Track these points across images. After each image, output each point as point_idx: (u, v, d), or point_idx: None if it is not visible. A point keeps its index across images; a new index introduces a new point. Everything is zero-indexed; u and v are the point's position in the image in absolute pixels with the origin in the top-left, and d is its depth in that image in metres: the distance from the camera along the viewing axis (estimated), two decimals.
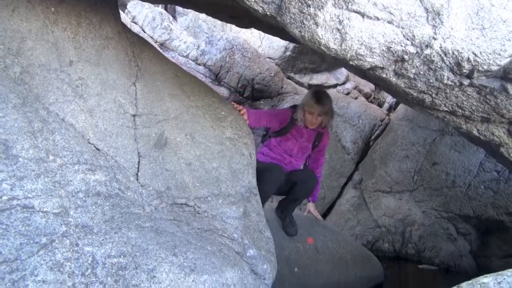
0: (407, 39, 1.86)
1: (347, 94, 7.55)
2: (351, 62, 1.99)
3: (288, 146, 3.84)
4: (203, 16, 9.76)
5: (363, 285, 4.09)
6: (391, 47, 1.90)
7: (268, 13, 2.06)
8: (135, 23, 8.57)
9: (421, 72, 2.00)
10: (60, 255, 1.76)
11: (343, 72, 7.88)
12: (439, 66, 1.93)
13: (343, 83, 7.82)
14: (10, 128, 1.93)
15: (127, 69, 2.61)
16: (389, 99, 7.45)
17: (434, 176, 5.63)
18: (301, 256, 4.04)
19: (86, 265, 1.81)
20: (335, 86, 7.69)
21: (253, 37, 8.08)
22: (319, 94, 3.69)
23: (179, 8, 10.62)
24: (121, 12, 3.68)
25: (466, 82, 2.01)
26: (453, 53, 1.84)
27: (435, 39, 1.83)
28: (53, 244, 1.78)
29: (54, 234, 1.80)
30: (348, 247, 4.33)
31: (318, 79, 7.60)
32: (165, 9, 10.00)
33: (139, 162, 2.41)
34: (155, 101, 2.65)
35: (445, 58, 1.87)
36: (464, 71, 1.92)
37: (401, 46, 1.88)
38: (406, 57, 1.94)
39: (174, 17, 10.19)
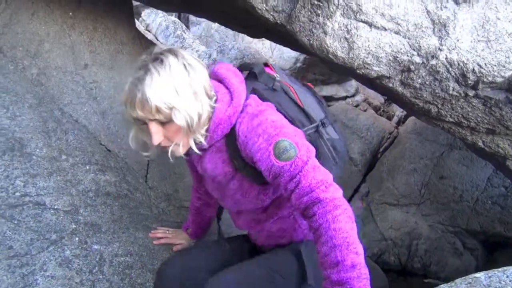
0: (414, 50, 1.89)
1: (357, 106, 7.57)
2: (358, 71, 2.02)
3: (213, 196, 1.83)
4: (215, 26, 9.86)
5: None
6: (397, 57, 1.93)
7: (278, 21, 2.11)
8: (149, 31, 8.69)
9: (427, 82, 2.03)
10: (69, 252, 1.81)
11: (352, 84, 7.90)
12: (444, 77, 1.96)
13: (353, 96, 7.84)
14: (25, 127, 1.99)
15: None
16: (398, 112, 7.44)
17: (441, 190, 5.59)
18: None
19: (93, 263, 1.85)
20: (344, 98, 7.70)
21: (264, 48, 8.13)
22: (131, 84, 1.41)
23: (192, 18, 10.77)
24: (135, 20, 3.76)
25: (471, 93, 2.03)
26: (458, 64, 1.87)
27: (440, 50, 1.86)
28: (63, 241, 1.82)
29: (64, 231, 1.85)
30: None
31: (328, 91, 7.62)
32: (179, 18, 10.13)
33: (148, 164, 2.46)
34: None
35: (450, 69, 1.90)
36: (469, 82, 1.94)
37: (407, 56, 1.92)
38: (412, 67, 1.97)
39: (187, 26, 10.32)
